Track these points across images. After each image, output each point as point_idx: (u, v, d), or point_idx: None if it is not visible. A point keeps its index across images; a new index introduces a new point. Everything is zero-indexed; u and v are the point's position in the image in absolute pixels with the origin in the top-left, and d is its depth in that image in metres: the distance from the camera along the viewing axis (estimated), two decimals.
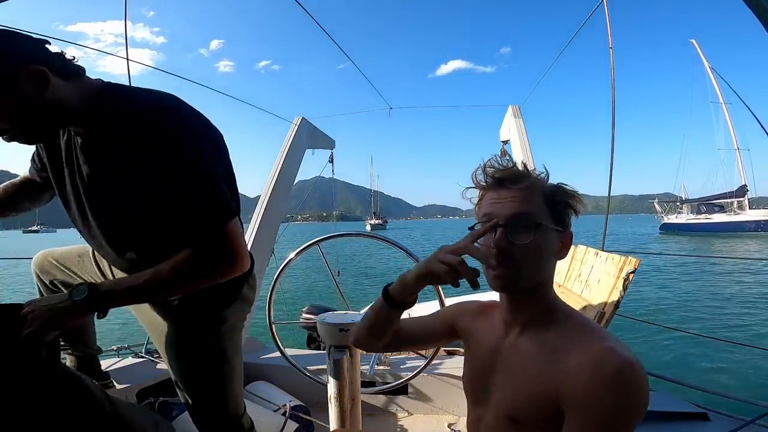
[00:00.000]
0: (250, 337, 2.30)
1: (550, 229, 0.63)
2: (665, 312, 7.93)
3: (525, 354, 0.64)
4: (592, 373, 0.54)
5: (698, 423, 1.29)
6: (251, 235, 2.41)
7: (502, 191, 0.64)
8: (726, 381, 4.49)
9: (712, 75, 32.82)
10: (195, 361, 1.00)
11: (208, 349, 0.99)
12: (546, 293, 0.66)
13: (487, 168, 0.66)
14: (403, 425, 1.88)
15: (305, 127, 2.88)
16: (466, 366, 0.77)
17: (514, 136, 2.95)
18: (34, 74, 0.69)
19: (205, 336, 0.97)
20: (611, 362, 0.53)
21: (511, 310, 0.68)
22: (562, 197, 0.64)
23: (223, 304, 0.98)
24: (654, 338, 5.82)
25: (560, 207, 0.64)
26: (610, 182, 2.02)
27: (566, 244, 0.66)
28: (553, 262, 0.66)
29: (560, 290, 1.79)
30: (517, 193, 0.63)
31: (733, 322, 7.05)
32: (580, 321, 0.64)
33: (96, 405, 0.89)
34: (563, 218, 0.65)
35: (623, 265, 1.33)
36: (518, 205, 0.62)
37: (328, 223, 18.18)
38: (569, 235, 0.66)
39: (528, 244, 0.60)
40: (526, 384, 0.62)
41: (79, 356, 1.34)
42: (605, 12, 1.92)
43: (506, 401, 0.64)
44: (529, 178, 0.64)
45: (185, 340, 0.98)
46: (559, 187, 0.65)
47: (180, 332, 0.97)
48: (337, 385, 1.28)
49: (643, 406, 0.53)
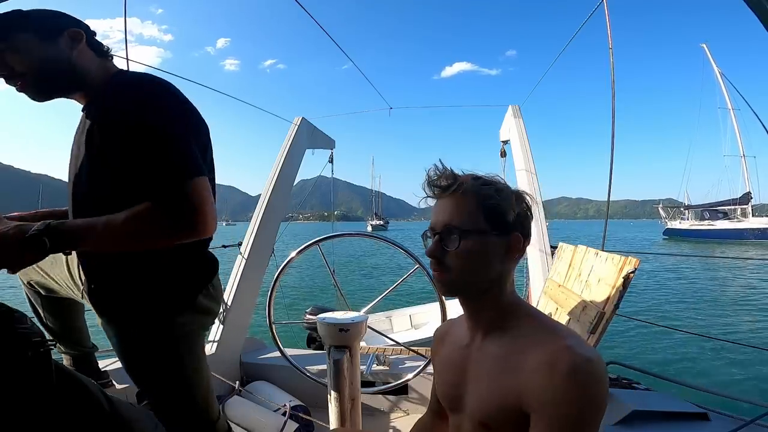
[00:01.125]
0: (250, 337, 2.30)
1: (484, 234, 0.64)
2: (665, 312, 7.93)
3: (490, 357, 0.65)
4: (547, 373, 0.55)
5: (698, 423, 1.29)
6: (251, 235, 2.41)
7: (440, 200, 0.68)
8: (726, 381, 4.49)
9: (721, 80, 32.71)
10: (145, 368, 0.93)
11: (158, 357, 0.92)
12: (499, 295, 0.67)
13: (431, 177, 0.68)
14: (403, 425, 1.88)
15: (305, 127, 2.88)
16: (437, 378, 0.79)
17: (514, 137, 2.95)
18: (74, 34, 0.86)
19: (153, 343, 0.90)
20: (566, 360, 0.54)
21: (470, 316, 0.70)
22: (499, 201, 0.64)
23: (171, 311, 0.90)
24: (654, 338, 5.82)
25: (497, 210, 0.64)
26: (609, 184, 2.02)
27: (513, 247, 0.65)
28: (499, 265, 0.65)
29: (560, 290, 1.79)
30: (449, 201, 0.66)
31: (733, 323, 7.05)
32: (540, 322, 0.65)
33: (95, 404, 0.89)
34: (502, 221, 0.64)
35: (623, 265, 1.33)
36: (448, 213, 0.65)
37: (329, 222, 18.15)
38: (515, 238, 0.65)
39: (458, 250, 0.64)
40: (491, 389, 0.62)
41: (75, 355, 1.33)
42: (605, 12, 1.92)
43: (478, 407, 0.65)
44: (457, 186, 0.65)
45: (133, 346, 0.91)
46: (498, 189, 0.65)
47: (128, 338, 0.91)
48: (337, 385, 1.28)
49: (602, 400, 0.54)
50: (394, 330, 5.77)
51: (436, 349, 0.82)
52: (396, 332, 5.69)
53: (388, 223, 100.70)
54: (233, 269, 2.34)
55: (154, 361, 0.92)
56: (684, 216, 34.93)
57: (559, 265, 1.95)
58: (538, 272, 2.47)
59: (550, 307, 1.78)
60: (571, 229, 71.75)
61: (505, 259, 0.66)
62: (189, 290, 0.92)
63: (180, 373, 0.94)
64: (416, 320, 5.96)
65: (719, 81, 32.92)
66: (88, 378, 0.94)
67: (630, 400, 1.30)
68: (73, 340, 1.32)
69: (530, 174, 2.77)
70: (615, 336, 5.83)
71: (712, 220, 31.22)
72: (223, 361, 2.05)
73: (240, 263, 2.34)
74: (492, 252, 0.65)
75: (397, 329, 5.79)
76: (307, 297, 9.04)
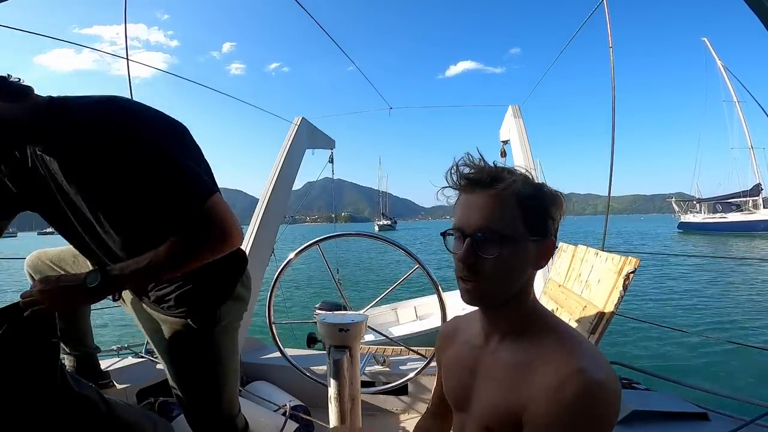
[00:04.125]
0: (250, 337, 2.30)
1: (522, 239, 0.57)
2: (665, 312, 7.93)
3: (501, 364, 0.62)
4: (554, 394, 0.52)
5: (698, 423, 1.29)
6: (251, 235, 2.41)
7: (472, 196, 0.59)
8: (726, 381, 4.49)
9: (724, 73, 32.58)
10: (189, 360, 1.00)
11: (202, 349, 0.99)
12: (522, 303, 0.62)
13: (460, 168, 0.60)
14: (403, 425, 1.88)
15: (305, 127, 2.89)
16: (446, 380, 0.76)
17: (514, 136, 2.95)
18: None
19: (200, 335, 0.98)
20: (576, 385, 0.51)
21: (488, 321, 0.66)
22: (540, 202, 0.58)
23: (216, 302, 0.98)
24: (654, 338, 5.82)
25: (537, 213, 0.58)
26: (610, 181, 2.02)
27: (546, 253, 0.60)
28: (529, 272, 0.61)
29: (560, 290, 1.79)
30: (488, 200, 0.58)
31: (734, 322, 7.05)
32: (560, 334, 0.60)
33: (91, 406, 0.89)
34: (541, 225, 0.59)
35: (623, 265, 1.33)
36: (486, 215, 0.57)
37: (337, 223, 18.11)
38: (550, 243, 0.60)
39: (496, 258, 0.57)
40: (498, 397, 0.60)
41: (78, 356, 1.34)
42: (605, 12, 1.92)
43: (484, 411, 0.63)
44: (501, 181, 0.57)
45: (180, 339, 0.98)
46: (538, 190, 0.59)
47: (175, 331, 0.98)
48: (337, 385, 1.28)
49: (609, 424, 0.51)
50: (399, 322, 5.87)
51: (443, 347, 0.78)
52: (401, 323, 5.79)
53: (396, 222, 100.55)
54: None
55: (196, 353, 0.99)
56: (696, 209, 34.92)
57: (559, 265, 1.95)
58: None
59: (550, 307, 1.78)
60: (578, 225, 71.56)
61: (537, 266, 0.61)
62: (230, 280, 1.02)
63: (215, 365, 1.02)
64: (421, 312, 6.05)
65: (723, 74, 32.80)
66: (85, 381, 0.94)
67: (630, 400, 1.30)
68: (78, 340, 1.33)
69: (530, 173, 2.77)
70: (615, 336, 5.83)
71: (724, 212, 31.19)
72: None
73: None
74: (529, 259, 0.59)
75: (403, 321, 5.96)
76: (307, 297, 9.04)
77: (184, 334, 0.97)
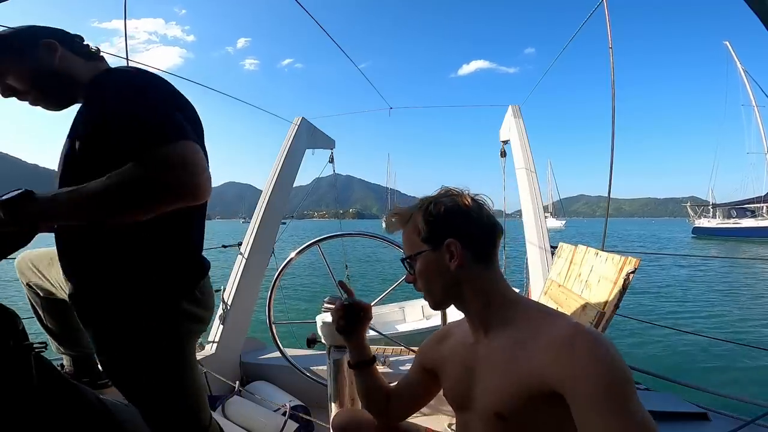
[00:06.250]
0: (250, 337, 2.30)
1: (421, 254, 0.71)
2: (665, 312, 7.93)
3: (499, 349, 0.66)
4: (569, 351, 0.56)
5: (698, 423, 1.29)
6: (251, 235, 2.41)
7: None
8: (726, 381, 4.49)
9: (745, 77, 32.34)
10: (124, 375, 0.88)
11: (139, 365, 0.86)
12: (480, 295, 0.69)
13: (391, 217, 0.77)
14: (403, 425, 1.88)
15: (305, 127, 2.89)
16: (444, 382, 0.80)
17: (514, 136, 2.95)
18: (48, 44, 0.85)
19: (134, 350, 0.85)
20: (582, 337, 0.56)
21: (469, 319, 0.73)
22: (433, 217, 0.70)
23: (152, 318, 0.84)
24: (654, 338, 5.82)
25: (431, 227, 0.70)
26: (609, 182, 2.02)
27: (452, 251, 0.68)
28: (449, 272, 0.69)
29: (560, 290, 1.79)
30: (403, 236, 0.75)
31: (733, 322, 7.05)
32: (540, 309, 0.67)
33: (87, 406, 0.89)
34: (435, 234, 0.69)
35: (623, 265, 1.33)
36: (404, 247, 0.75)
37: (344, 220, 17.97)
38: (450, 243, 0.68)
39: (416, 275, 0.73)
40: (505, 378, 0.63)
41: (74, 356, 1.34)
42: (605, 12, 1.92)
43: (492, 399, 0.65)
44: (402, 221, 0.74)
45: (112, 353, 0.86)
46: (433, 207, 0.70)
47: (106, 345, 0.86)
48: (337, 385, 1.28)
49: (627, 369, 0.55)
50: (406, 320, 5.93)
51: (436, 348, 0.83)
52: (408, 322, 5.85)
53: None
54: (233, 269, 2.34)
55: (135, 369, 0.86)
56: (709, 214, 34.89)
57: (559, 264, 1.94)
58: (538, 272, 2.47)
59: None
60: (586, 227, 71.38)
61: (453, 265, 0.68)
62: (171, 296, 0.87)
63: (162, 380, 0.88)
64: (428, 310, 6.12)
65: (743, 78, 32.54)
66: (78, 381, 0.93)
67: None
68: (72, 341, 1.32)
69: (530, 173, 2.77)
70: (615, 336, 5.83)
71: (738, 218, 31.19)
72: (223, 361, 2.05)
73: (240, 263, 2.33)
74: (436, 265, 0.69)
75: (410, 319, 6.01)
76: (308, 297, 9.04)
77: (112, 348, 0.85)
